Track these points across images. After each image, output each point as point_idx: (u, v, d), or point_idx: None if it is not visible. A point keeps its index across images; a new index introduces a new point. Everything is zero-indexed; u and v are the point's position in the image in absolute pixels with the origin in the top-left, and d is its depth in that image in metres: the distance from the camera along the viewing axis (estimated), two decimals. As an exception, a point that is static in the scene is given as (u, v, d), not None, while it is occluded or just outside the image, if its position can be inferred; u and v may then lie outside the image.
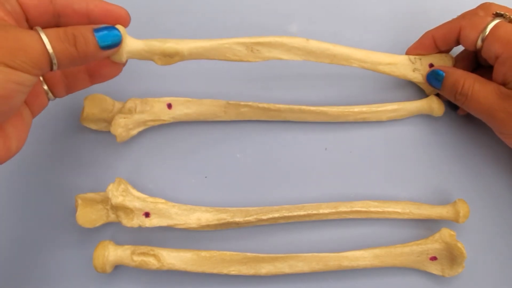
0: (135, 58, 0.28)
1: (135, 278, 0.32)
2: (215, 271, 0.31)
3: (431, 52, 0.35)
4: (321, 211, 0.32)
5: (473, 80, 0.31)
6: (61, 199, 0.33)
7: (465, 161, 0.35)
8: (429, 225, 0.34)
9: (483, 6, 0.33)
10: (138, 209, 0.31)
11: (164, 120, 0.34)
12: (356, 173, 0.35)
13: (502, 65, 0.30)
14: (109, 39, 0.26)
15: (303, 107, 0.34)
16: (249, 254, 0.31)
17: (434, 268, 0.32)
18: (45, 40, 0.23)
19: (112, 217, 0.32)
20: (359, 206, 0.33)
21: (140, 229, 0.33)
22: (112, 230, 0.33)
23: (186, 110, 0.34)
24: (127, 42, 0.27)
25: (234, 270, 0.31)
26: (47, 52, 0.23)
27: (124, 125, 0.33)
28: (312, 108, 0.34)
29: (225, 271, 0.31)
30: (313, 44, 0.32)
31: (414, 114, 0.36)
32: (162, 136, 0.35)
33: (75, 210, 0.31)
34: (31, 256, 0.33)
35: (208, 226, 0.32)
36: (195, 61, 0.31)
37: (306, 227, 0.34)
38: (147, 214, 0.31)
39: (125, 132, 0.33)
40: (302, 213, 0.32)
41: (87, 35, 0.25)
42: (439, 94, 0.35)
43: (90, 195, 0.31)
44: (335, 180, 0.35)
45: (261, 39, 0.31)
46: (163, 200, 0.32)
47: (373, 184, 0.35)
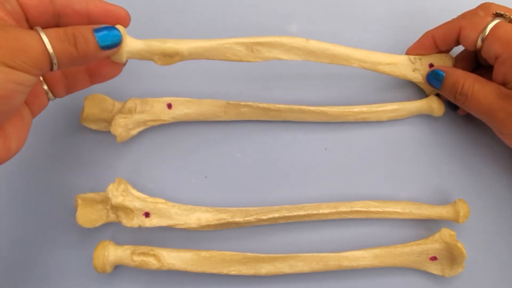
0: (135, 58, 0.28)
1: (135, 278, 0.32)
2: (215, 271, 0.31)
3: (431, 52, 0.35)
4: (321, 211, 0.32)
5: (473, 80, 0.31)
6: (61, 199, 0.33)
7: (465, 161, 0.35)
8: (429, 225, 0.34)
9: (483, 6, 0.33)
10: (138, 209, 0.31)
11: (164, 120, 0.34)
12: (356, 173, 0.35)
13: (502, 65, 0.30)
14: (109, 39, 0.26)
15: (303, 107, 0.34)
16: (249, 254, 0.31)
17: (434, 268, 0.32)
18: (45, 40, 0.23)
19: (112, 217, 0.32)
20: (359, 206, 0.33)
21: (140, 229, 0.33)
22: (112, 230, 0.33)
23: (186, 110, 0.34)
24: (127, 42, 0.27)
25: (234, 270, 0.31)
26: (47, 52, 0.23)
27: (124, 125, 0.33)
28: (312, 108, 0.34)
29: (225, 271, 0.31)
30: (313, 44, 0.32)
31: (414, 114, 0.36)
32: (162, 136, 0.35)
33: (75, 210, 0.31)
34: (31, 256, 0.33)
35: (208, 226, 0.32)
36: (195, 61, 0.31)
37: (306, 227, 0.34)
38: (147, 214, 0.31)
39: (125, 132, 0.33)
40: (302, 213, 0.32)
41: (87, 35, 0.25)
42: (439, 94, 0.35)
43: (90, 195, 0.31)
44: (335, 180, 0.35)
45: (261, 39, 0.31)
46: (163, 200, 0.32)
47: (373, 184, 0.35)
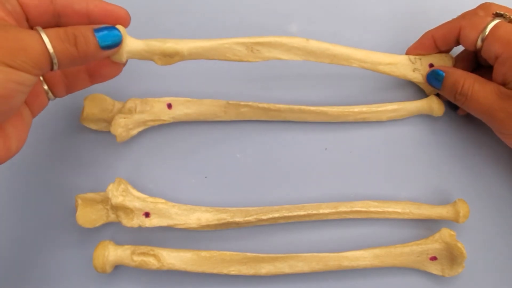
0: (135, 58, 0.28)
1: (135, 278, 0.32)
2: (215, 271, 0.31)
3: (431, 52, 0.35)
4: (321, 211, 0.32)
5: (473, 80, 0.31)
6: (61, 199, 0.33)
7: (465, 161, 0.35)
8: (429, 225, 0.34)
9: (483, 6, 0.33)
10: (138, 209, 0.31)
11: (164, 120, 0.34)
12: (356, 173, 0.35)
13: (502, 65, 0.30)
14: (109, 39, 0.26)
15: (303, 107, 0.34)
16: (249, 254, 0.31)
17: (434, 268, 0.32)
18: (46, 40, 0.23)
19: (112, 217, 0.32)
20: (359, 206, 0.33)
21: (140, 229, 0.33)
22: (112, 230, 0.33)
23: (186, 110, 0.34)
24: (127, 42, 0.27)
25: (234, 270, 0.31)
26: (48, 52, 0.23)
27: (124, 125, 0.33)
28: (312, 108, 0.34)
29: (225, 271, 0.31)
30: (313, 44, 0.32)
31: (414, 114, 0.36)
32: (162, 136, 0.35)
33: (75, 210, 0.31)
34: (31, 256, 0.33)
35: (208, 226, 0.32)
36: (195, 61, 0.31)
37: (306, 227, 0.34)
38: (147, 214, 0.31)
39: (125, 132, 0.33)
40: (302, 213, 0.32)
41: (88, 35, 0.25)
42: (439, 94, 0.35)
43: (90, 195, 0.31)
44: (335, 180, 0.35)
45: (261, 39, 0.31)
46: (163, 200, 0.32)
47: (373, 184, 0.35)
